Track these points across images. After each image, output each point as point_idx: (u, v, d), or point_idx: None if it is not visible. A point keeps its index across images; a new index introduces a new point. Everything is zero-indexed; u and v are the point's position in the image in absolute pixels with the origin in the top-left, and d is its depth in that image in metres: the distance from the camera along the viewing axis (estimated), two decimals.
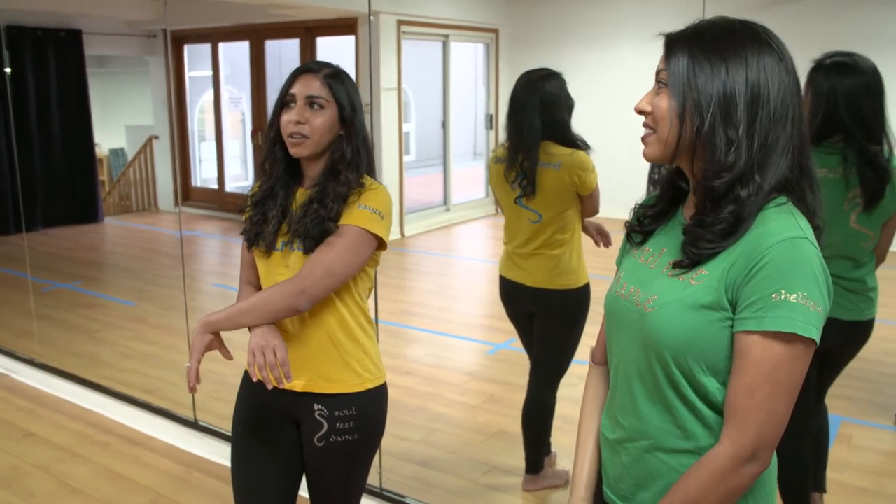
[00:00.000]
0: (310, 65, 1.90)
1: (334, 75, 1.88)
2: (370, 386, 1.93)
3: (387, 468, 3.08)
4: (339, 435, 1.89)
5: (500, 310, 3.10)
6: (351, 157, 1.86)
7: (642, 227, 1.38)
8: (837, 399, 3.51)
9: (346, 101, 1.87)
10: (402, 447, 3.45)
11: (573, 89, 2.85)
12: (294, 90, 1.85)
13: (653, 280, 1.28)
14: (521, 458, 3.10)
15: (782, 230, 1.16)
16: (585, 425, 1.47)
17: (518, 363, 3.11)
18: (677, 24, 1.25)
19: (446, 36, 8.45)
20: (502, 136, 2.93)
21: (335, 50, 8.59)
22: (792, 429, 2.58)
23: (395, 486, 3.02)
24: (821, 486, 2.68)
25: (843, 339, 2.43)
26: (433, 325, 5.46)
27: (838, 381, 3.41)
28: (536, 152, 2.76)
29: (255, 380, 1.76)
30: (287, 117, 1.84)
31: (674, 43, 1.23)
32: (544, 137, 2.76)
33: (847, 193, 2.31)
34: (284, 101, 1.85)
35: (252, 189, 1.98)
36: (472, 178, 9.87)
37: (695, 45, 1.21)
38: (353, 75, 1.98)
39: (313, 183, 1.89)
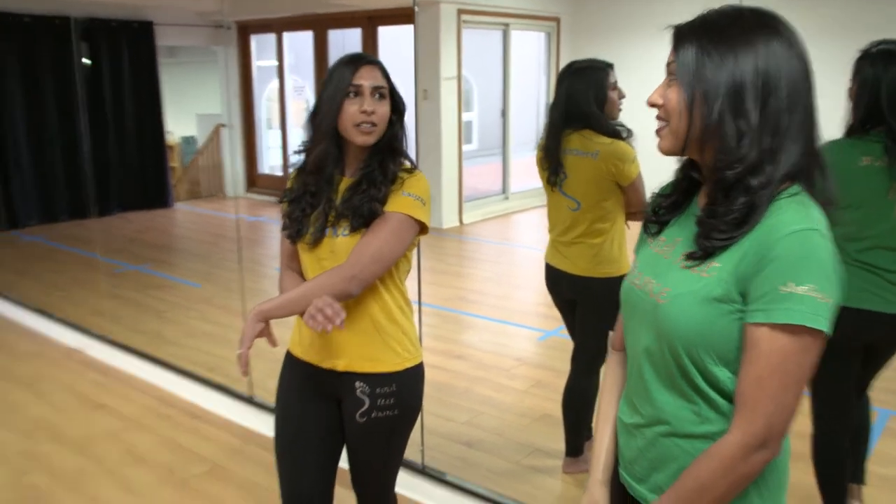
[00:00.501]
0: (366, 56, 1.94)
1: (383, 65, 1.95)
2: (409, 365, 2.00)
3: (431, 447, 3.19)
4: (381, 411, 1.96)
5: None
6: (404, 136, 1.98)
7: (658, 217, 1.39)
8: (887, 393, 3.48)
9: (395, 87, 1.96)
10: (447, 428, 3.56)
11: (635, 79, 2.88)
12: (360, 81, 1.88)
13: (667, 271, 1.30)
14: (563, 441, 3.16)
15: (793, 222, 1.16)
16: (604, 411, 1.50)
17: (567, 349, 3.16)
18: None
19: (507, 25, 8.47)
20: None
21: (395, 39, 8.71)
22: (831, 422, 2.60)
23: (438, 465, 3.12)
24: (859, 479, 2.68)
25: (886, 332, 2.41)
26: (487, 311, 5.54)
27: (889, 374, 3.38)
28: (558, 141, 2.85)
29: (319, 330, 1.72)
30: (356, 107, 1.87)
31: (682, 34, 1.23)
32: (582, 127, 2.82)
33: (892, 183, 2.28)
34: (347, 91, 1.87)
35: (289, 182, 2.03)
36: (531, 166, 9.87)
37: (703, 35, 1.21)
38: (412, 63, 2.06)
39: (354, 173, 1.94)
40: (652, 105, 1.28)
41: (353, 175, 1.95)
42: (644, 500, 1.35)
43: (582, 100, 2.81)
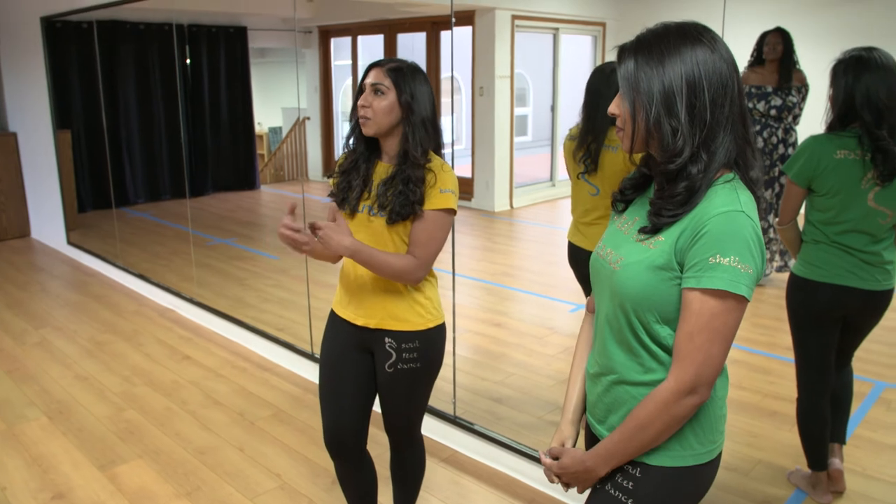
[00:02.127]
0: (379, 61, 2.04)
1: (396, 69, 2.00)
2: (431, 325, 2.10)
3: (465, 401, 3.29)
4: (405, 363, 2.08)
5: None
6: (413, 135, 1.99)
7: (624, 196, 1.48)
8: (885, 367, 3.45)
9: (406, 88, 1.98)
10: (481, 385, 3.65)
11: None
12: (366, 81, 2.02)
13: (623, 244, 1.38)
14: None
15: (722, 204, 1.24)
16: (577, 363, 1.59)
17: None
18: (786, 21, 1.30)
19: (556, 29, 8.42)
20: None
21: (459, 39, 8.76)
22: (812, 386, 2.63)
23: (469, 417, 3.22)
24: (840, 438, 2.68)
25: (860, 306, 2.42)
26: (527, 285, 5.60)
27: (890, 351, 3.34)
28: (604, 136, 2.83)
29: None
30: (358, 102, 2.01)
31: (622, 52, 1.31)
32: (611, 124, 2.84)
33: (865, 174, 2.29)
34: (360, 89, 2.03)
35: (339, 160, 2.16)
36: None
37: (638, 51, 1.28)
38: (470, 62, 2.06)
39: (391, 160, 2.04)
40: (611, 114, 1.36)
41: (389, 161, 2.05)
42: (602, 437, 1.43)
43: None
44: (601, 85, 2.86)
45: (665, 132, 1.26)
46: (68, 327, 4.74)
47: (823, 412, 2.58)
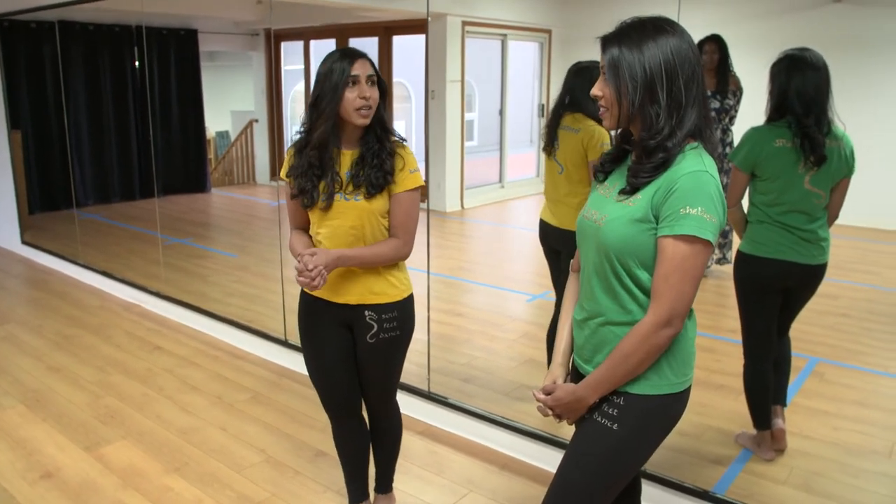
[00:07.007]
0: (358, 51, 2.10)
1: (371, 58, 2.12)
2: (404, 296, 2.27)
3: (436, 382, 3.46)
4: (386, 332, 2.24)
5: (540, 267, 3.37)
6: (387, 118, 2.17)
7: (604, 169, 1.71)
8: (820, 345, 3.78)
9: (381, 77, 2.13)
10: (450, 368, 3.83)
11: None
12: (357, 72, 2.05)
13: (606, 204, 1.61)
14: (542, 378, 3.43)
15: (690, 166, 1.48)
16: (564, 314, 1.81)
17: (551, 309, 3.44)
18: (720, 26, 1.51)
19: (504, 35, 8.70)
20: None
21: (410, 46, 8.96)
22: (756, 353, 2.90)
23: (441, 392, 3.41)
24: (781, 400, 2.96)
25: (799, 278, 2.70)
26: (484, 279, 5.82)
27: (824, 331, 3.66)
28: (558, 120, 3.14)
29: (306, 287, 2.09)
30: (355, 94, 2.05)
31: (606, 42, 1.53)
32: (574, 111, 3.10)
33: (801, 160, 2.57)
34: (347, 81, 2.04)
35: (289, 162, 2.22)
36: (525, 160, 10.12)
37: (621, 41, 1.50)
38: (419, 69, 2.25)
39: (353, 144, 2.15)
40: (594, 97, 1.58)
41: (351, 148, 2.15)
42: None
43: (579, 90, 3.09)
44: (566, 77, 3.14)
45: (648, 114, 1.50)
46: (33, 322, 4.74)
47: (767, 376, 2.86)
